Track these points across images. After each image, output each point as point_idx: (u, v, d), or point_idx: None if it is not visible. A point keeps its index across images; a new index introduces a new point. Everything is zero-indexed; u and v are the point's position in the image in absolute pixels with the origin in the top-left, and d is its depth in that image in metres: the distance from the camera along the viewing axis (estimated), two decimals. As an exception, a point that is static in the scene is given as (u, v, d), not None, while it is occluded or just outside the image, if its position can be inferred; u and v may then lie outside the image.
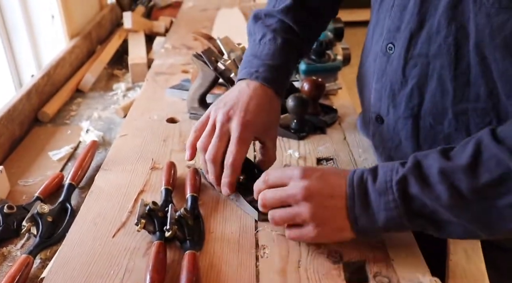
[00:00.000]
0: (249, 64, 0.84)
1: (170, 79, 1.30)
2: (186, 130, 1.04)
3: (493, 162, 0.56)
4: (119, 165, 0.91)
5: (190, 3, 2.11)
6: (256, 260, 0.68)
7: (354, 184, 0.64)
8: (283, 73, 0.84)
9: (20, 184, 0.91)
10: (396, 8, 0.72)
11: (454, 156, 0.59)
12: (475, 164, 0.57)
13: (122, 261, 0.68)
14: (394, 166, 0.63)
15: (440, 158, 0.60)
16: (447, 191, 0.57)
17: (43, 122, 1.17)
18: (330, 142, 0.99)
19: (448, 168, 0.58)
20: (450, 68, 0.66)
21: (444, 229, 0.61)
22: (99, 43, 1.68)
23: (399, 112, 0.75)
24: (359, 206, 0.63)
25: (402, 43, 0.71)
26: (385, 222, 0.62)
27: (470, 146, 0.58)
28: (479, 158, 0.57)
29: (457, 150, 0.60)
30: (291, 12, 0.88)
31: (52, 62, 1.30)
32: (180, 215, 0.71)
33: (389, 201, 0.61)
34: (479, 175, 0.56)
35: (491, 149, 0.56)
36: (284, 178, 0.68)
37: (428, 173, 0.60)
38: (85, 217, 0.77)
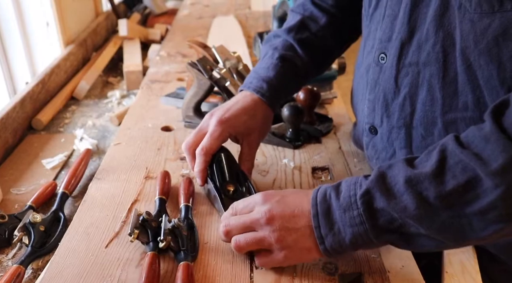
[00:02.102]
0: (248, 78, 0.90)
1: (165, 87, 1.29)
2: (181, 139, 1.03)
3: (459, 168, 0.55)
4: (113, 174, 0.90)
5: (186, 11, 2.11)
6: (250, 272, 0.67)
7: (317, 202, 0.63)
8: (275, 85, 0.87)
9: (13, 192, 0.90)
10: (387, 18, 0.73)
11: (419, 164, 0.59)
12: (440, 171, 0.56)
13: (115, 272, 0.67)
14: (358, 179, 0.62)
15: (406, 167, 0.59)
16: (414, 200, 0.56)
17: (36, 129, 1.16)
18: (325, 151, 0.99)
19: (413, 177, 0.57)
20: (438, 76, 0.67)
21: (414, 243, 0.60)
22: (94, 50, 1.67)
23: (392, 122, 0.75)
24: (324, 224, 0.62)
25: (393, 53, 0.72)
26: (351, 239, 0.60)
27: (435, 153, 0.57)
28: (445, 164, 0.56)
29: (422, 158, 0.59)
30: (293, 31, 0.93)
31: (46, 70, 1.29)
32: (174, 225, 0.70)
33: (354, 217, 0.60)
34: (445, 182, 0.55)
35: (456, 155, 0.55)
36: (248, 205, 0.69)
37: (393, 183, 0.58)
38: (78, 227, 0.76)
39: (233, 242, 0.67)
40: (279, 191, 0.69)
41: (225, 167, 0.81)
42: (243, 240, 0.66)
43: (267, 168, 0.93)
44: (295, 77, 0.91)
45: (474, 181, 0.54)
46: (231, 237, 0.68)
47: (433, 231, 0.57)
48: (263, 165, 0.94)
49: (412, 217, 0.57)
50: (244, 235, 0.67)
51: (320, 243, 0.62)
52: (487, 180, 0.53)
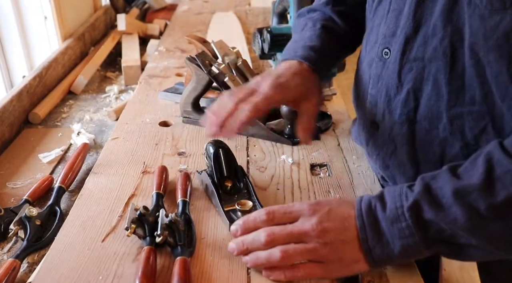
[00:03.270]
0: (287, 50, 0.89)
1: (164, 82, 1.29)
2: (179, 134, 1.03)
3: (509, 177, 0.54)
4: (110, 168, 0.90)
5: (185, 6, 2.10)
6: (247, 267, 0.67)
7: (363, 214, 0.62)
8: (320, 53, 0.85)
9: (9, 186, 0.90)
10: (391, 13, 0.72)
11: (465, 174, 0.58)
12: (489, 182, 0.55)
13: (111, 266, 0.67)
14: (402, 190, 0.61)
15: (451, 178, 0.58)
16: (464, 212, 0.56)
17: (33, 123, 1.16)
18: (324, 148, 0.98)
19: (461, 188, 0.56)
20: (445, 71, 0.66)
21: (464, 253, 0.60)
22: (92, 45, 1.67)
23: (394, 117, 0.75)
24: (372, 236, 0.61)
25: (397, 48, 0.71)
26: (401, 251, 0.60)
27: (481, 162, 0.57)
28: (493, 174, 0.55)
29: (467, 167, 0.58)
30: (330, 4, 0.94)
31: (44, 63, 1.29)
32: (171, 220, 0.70)
33: (403, 228, 0.59)
34: (496, 193, 0.54)
35: (504, 164, 0.55)
36: (291, 214, 0.66)
37: (440, 195, 0.58)
38: (74, 221, 0.76)
39: (280, 252, 0.63)
40: (325, 202, 0.67)
41: (223, 163, 0.80)
42: (293, 250, 0.63)
43: (266, 164, 0.93)
44: (338, 46, 0.91)
45: None
46: (273, 246, 0.64)
47: (484, 242, 0.57)
48: (262, 161, 0.94)
49: (462, 229, 0.57)
50: (294, 246, 0.64)
51: (368, 255, 0.62)
52: None
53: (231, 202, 0.77)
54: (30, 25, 1.44)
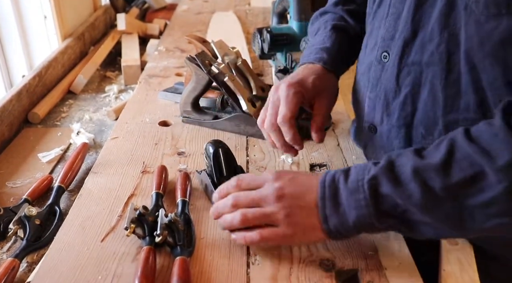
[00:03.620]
0: (305, 53, 0.92)
1: (164, 81, 1.29)
2: (178, 134, 1.03)
3: (466, 161, 0.56)
4: (110, 168, 0.90)
5: (185, 6, 2.10)
6: (247, 267, 0.67)
7: (325, 184, 0.65)
8: (333, 54, 0.88)
9: (8, 186, 0.90)
10: (390, 17, 0.73)
11: (428, 155, 0.60)
12: (448, 163, 0.57)
13: (111, 266, 0.67)
14: (367, 165, 0.63)
15: (414, 157, 0.60)
16: (420, 189, 0.58)
17: (33, 123, 1.15)
18: (323, 148, 0.98)
19: (421, 167, 0.58)
20: (441, 76, 0.66)
21: (416, 229, 0.61)
22: (92, 44, 1.66)
23: (392, 121, 0.75)
24: (330, 205, 0.63)
25: (396, 51, 0.71)
26: (355, 221, 0.62)
27: (444, 145, 0.59)
28: (453, 157, 0.57)
29: (431, 149, 0.61)
30: (341, 4, 0.97)
31: (44, 63, 1.28)
32: (170, 220, 0.70)
33: (360, 200, 0.61)
34: (452, 174, 0.57)
35: (464, 149, 0.57)
36: (256, 180, 0.70)
37: (401, 172, 0.60)
38: (73, 221, 0.76)
39: (240, 215, 0.67)
40: (291, 171, 0.71)
41: (223, 163, 0.80)
42: (251, 215, 0.67)
43: (265, 164, 0.93)
44: (351, 44, 0.91)
45: (479, 175, 0.55)
46: (237, 209, 0.68)
47: (435, 220, 0.59)
48: (261, 161, 0.94)
49: (416, 206, 0.58)
50: (252, 209, 0.67)
51: (324, 223, 0.64)
52: (492, 176, 0.54)
53: None
54: (30, 25, 1.43)
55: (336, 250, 0.70)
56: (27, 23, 1.43)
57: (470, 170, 0.56)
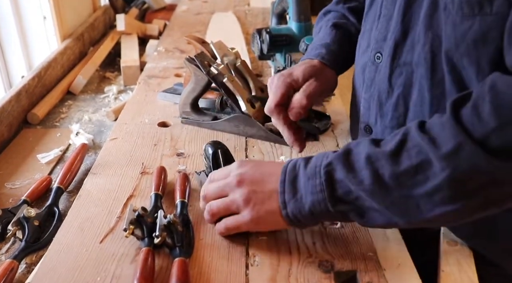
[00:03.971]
0: (307, 52, 0.94)
1: (163, 82, 1.29)
2: (178, 135, 1.03)
3: (415, 150, 0.57)
4: (109, 169, 0.90)
5: (184, 6, 2.10)
6: (246, 268, 0.67)
7: (286, 170, 0.66)
8: (333, 49, 0.89)
9: (7, 187, 0.90)
10: (382, 18, 0.73)
11: (383, 144, 0.61)
12: (398, 152, 0.59)
13: (110, 267, 0.66)
14: (327, 153, 0.65)
15: (370, 145, 0.62)
16: (370, 176, 0.59)
17: (32, 124, 1.15)
18: (322, 149, 0.98)
19: (374, 155, 0.60)
20: (427, 77, 0.67)
21: (366, 216, 0.62)
22: (92, 45, 1.66)
23: (386, 122, 0.75)
24: (289, 190, 0.65)
25: (388, 52, 0.72)
26: (311, 207, 0.63)
27: (398, 135, 0.60)
28: (404, 146, 0.59)
29: (387, 139, 0.62)
30: (342, 1, 0.98)
31: (43, 63, 1.28)
32: (169, 221, 0.70)
33: (316, 185, 0.63)
34: (400, 162, 0.58)
35: (415, 138, 0.58)
36: (225, 172, 0.72)
37: (355, 159, 0.62)
38: (72, 222, 0.76)
39: (206, 209, 0.71)
40: (256, 160, 0.73)
41: (222, 164, 0.80)
42: (214, 206, 0.70)
43: (264, 165, 0.93)
44: (351, 41, 0.91)
45: (425, 164, 0.56)
46: (207, 202, 0.72)
47: (384, 207, 0.60)
48: (260, 162, 0.94)
49: (366, 191, 0.60)
50: (216, 201, 0.70)
51: (283, 208, 0.65)
52: (436, 163, 0.55)
53: None
54: (29, 25, 1.43)
55: (335, 251, 0.70)
56: (26, 23, 1.43)
57: (417, 158, 0.57)
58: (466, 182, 0.55)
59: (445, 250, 0.73)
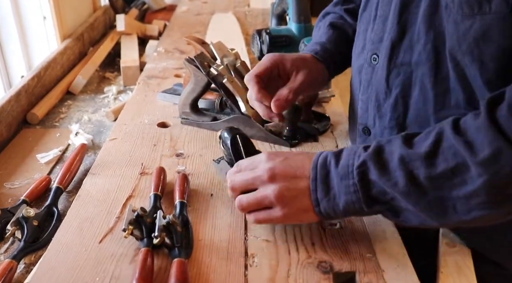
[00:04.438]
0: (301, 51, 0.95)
1: (162, 83, 1.29)
2: (177, 135, 1.03)
3: (451, 152, 0.56)
4: (108, 169, 0.90)
5: (184, 7, 2.10)
6: (245, 269, 0.67)
7: (317, 167, 0.65)
8: (328, 47, 0.91)
9: (6, 186, 0.90)
10: (378, 19, 0.73)
11: (416, 144, 0.60)
12: (433, 153, 0.58)
13: (108, 267, 0.66)
14: (358, 150, 0.64)
15: (402, 145, 0.61)
16: (405, 178, 0.58)
17: (32, 124, 1.15)
18: (322, 149, 0.98)
19: (407, 156, 0.59)
20: (430, 75, 0.67)
21: (402, 216, 0.62)
22: (91, 45, 1.66)
23: (384, 122, 0.75)
24: (321, 189, 0.65)
25: (385, 53, 0.72)
26: (345, 206, 0.63)
27: (432, 134, 0.59)
28: (439, 147, 0.58)
29: (420, 137, 0.61)
30: (340, 3, 1.00)
31: (43, 63, 1.28)
32: (168, 222, 0.70)
33: (349, 185, 0.62)
34: (436, 164, 0.57)
35: (450, 140, 0.57)
36: (253, 163, 0.71)
37: (388, 159, 0.60)
38: (71, 222, 0.76)
39: (237, 203, 0.70)
40: (284, 152, 0.72)
41: (241, 148, 0.81)
42: (245, 201, 0.69)
43: (263, 165, 0.93)
44: (348, 42, 0.92)
45: (462, 168, 0.55)
46: (236, 194, 0.71)
47: (419, 209, 0.59)
48: (259, 162, 0.94)
49: (401, 193, 0.59)
50: (246, 196, 0.69)
51: (316, 206, 0.65)
52: (473, 169, 0.54)
53: None
54: (29, 25, 1.43)
55: (334, 252, 0.70)
56: (26, 23, 1.43)
57: (454, 161, 0.56)
58: (504, 188, 0.54)
59: (444, 252, 0.73)
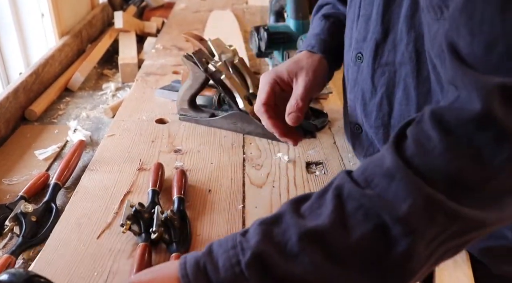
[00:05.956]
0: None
1: (161, 79, 1.29)
2: (175, 131, 1.03)
3: (360, 214, 0.47)
4: (106, 165, 0.90)
5: (183, 4, 2.10)
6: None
7: (189, 278, 0.49)
8: (323, 38, 0.88)
9: (5, 182, 0.90)
10: (361, 18, 0.73)
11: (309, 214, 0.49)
12: (340, 221, 0.47)
13: (106, 263, 0.67)
14: (235, 240, 0.49)
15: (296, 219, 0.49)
16: (319, 256, 0.46)
17: (30, 120, 1.15)
18: (320, 146, 0.99)
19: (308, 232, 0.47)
20: (413, 75, 0.67)
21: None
22: (90, 42, 1.66)
23: (370, 122, 0.75)
24: None
25: (369, 53, 0.72)
26: None
27: (329, 199, 0.49)
28: (343, 212, 0.48)
29: (312, 204, 0.51)
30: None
31: (41, 60, 1.28)
32: (166, 217, 0.70)
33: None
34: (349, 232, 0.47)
35: (355, 198, 0.48)
36: None
37: (284, 241, 0.48)
38: (69, 218, 0.76)
39: None
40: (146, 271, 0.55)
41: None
42: None
43: (261, 162, 0.93)
44: (342, 30, 0.90)
45: (381, 229, 0.46)
46: None
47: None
48: (257, 159, 0.94)
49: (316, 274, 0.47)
50: None
51: None
52: (395, 228, 0.46)
53: None
54: (27, 22, 1.43)
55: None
56: (24, 20, 1.43)
57: (368, 224, 0.46)
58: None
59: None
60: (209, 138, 1.00)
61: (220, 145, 0.98)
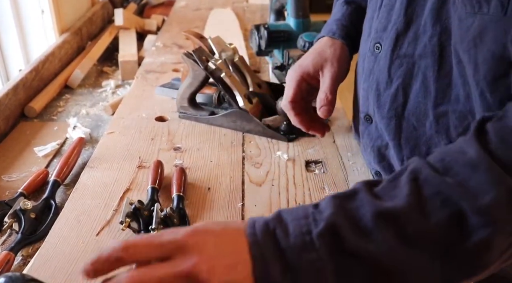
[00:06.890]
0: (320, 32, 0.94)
1: (161, 77, 1.29)
2: (175, 129, 1.03)
3: (438, 200, 0.47)
4: (106, 162, 0.90)
5: (183, 2, 2.10)
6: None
7: (259, 242, 0.47)
8: (344, 24, 0.89)
9: (4, 179, 0.90)
10: (383, 8, 0.73)
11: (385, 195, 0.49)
12: (417, 205, 0.47)
13: (106, 260, 0.67)
14: (307, 210, 0.49)
15: (370, 197, 0.49)
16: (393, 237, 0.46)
17: (29, 117, 1.15)
18: (319, 145, 0.99)
19: (385, 212, 0.47)
20: (433, 68, 0.67)
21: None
22: (90, 39, 1.66)
23: (383, 112, 0.75)
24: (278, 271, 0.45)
25: (388, 43, 0.72)
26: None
27: (404, 182, 0.49)
28: (420, 196, 0.48)
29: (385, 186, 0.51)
30: None
31: (40, 57, 1.28)
32: (166, 215, 0.70)
33: (314, 260, 0.46)
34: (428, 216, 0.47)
35: (433, 184, 0.48)
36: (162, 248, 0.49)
37: (359, 217, 0.48)
38: (69, 214, 0.76)
39: None
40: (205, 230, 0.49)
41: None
42: None
43: (261, 160, 0.93)
44: (362, 17, 0.90)
45: (458, 218, 0.46)
46: None
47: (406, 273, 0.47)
48: (257, 157, 0.94)
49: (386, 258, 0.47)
50: None
51: None
52: (474, 218, 0.46)
53: None
54: (27, 19, 1.43)
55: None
56: (24, 17, 1.43)
57: (445, 211, 0.47)
58: None
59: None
60: (209, 136, 1.00)
61: (219, 143, 0.98)
